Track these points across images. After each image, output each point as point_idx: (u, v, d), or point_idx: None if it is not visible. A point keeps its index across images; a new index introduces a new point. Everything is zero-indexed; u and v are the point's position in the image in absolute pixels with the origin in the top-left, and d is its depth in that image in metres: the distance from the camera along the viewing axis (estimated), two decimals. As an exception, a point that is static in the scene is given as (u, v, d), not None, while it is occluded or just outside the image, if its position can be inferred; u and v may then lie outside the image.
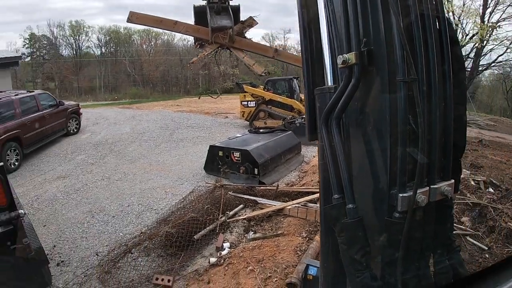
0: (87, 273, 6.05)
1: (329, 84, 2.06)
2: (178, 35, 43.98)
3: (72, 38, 49.28)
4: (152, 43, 50.89)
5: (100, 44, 50.88)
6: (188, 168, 11.12)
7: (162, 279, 5.70)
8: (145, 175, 10.83)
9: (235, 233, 6.87)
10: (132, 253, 6.41)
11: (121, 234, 7.35)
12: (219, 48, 14.05)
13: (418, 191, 1.68)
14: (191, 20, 14.25)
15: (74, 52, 49.90)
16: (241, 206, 7.77)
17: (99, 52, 51.39)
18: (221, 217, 7.14)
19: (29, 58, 46.89)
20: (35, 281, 3.99)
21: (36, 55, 49.22)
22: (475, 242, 6.07)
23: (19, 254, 3.75)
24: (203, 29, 13.60)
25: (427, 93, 1.76)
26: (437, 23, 1.83)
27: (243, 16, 14.42)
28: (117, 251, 6.45)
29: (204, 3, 13.66)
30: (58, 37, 49.01)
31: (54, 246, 6.97)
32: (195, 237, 6.53)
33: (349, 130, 1.92)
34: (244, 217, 7.33)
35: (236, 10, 13.94)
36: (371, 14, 1.75)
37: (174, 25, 13.99)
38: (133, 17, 13.61)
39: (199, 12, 13.71)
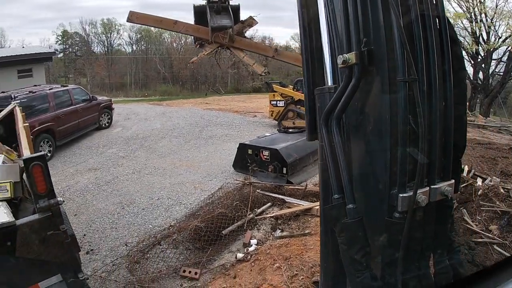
0: (115, 262, 6.13)
1: (329, 84, 2.08)
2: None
3: (104, 35, 50.23)
4: (182, 41, 51.23)
5: (131, 42, 51.68)
6: (217, 165, 11.08)
7: (190, 272, 5.76)
8: (175, 170, 10.88)
9: (262, 230, 6.87)
10: (160, 245, 6.46)
11: (150, 226, 7.40)
12: (219, 48, 13.97)
13: (418, 191, 1.69)
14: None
15: (106, 49, 50.78)
16: (269, 204, 7.76)
17: (130, 50, 52.16)
18: (249, 214, 7.15)
19: (61, 54, 47.98)
20: (69, 266, 4.08)
21: (69, 51, 50.23)
22: (502, 251, 5.91)
23: (56, 240, 3.85)
24: (203, 28, 13.50)
25: (427, 93, 1.76)
26: (437, 23, 1.84)
27: (277, 16, 14.39)
28: (146, 242, 6.52)
29: (204, 2, 13.58)
30: (90, 34, 50.00)
31: (84, 235, 7.06)
32: (223, 232, 6.56)
33: (349, 130, 1.94)
34: (272, 215, 7.32)
35: (236, 9, 13.79)
36: (371, 14, 1.76)
37: (174, 25, 13.93)
38: (133, 17, 13.59)
39: (199, 12, 13.61)
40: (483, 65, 24.27)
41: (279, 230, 6.84)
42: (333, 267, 2.12)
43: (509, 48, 23.21)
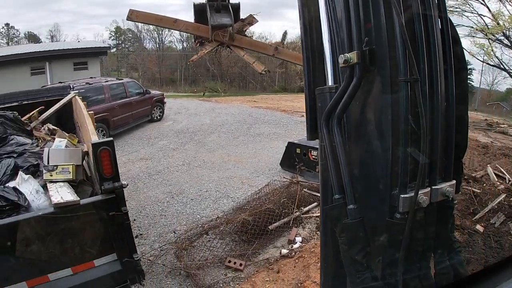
0: (163, 248, 6.39)
1: (330, 83, 2.05)
2: (257, 33, 44.44)
3: (155, 32, 51.61)
4: (230, 40, 51.55)
5: (182, 39, 52.63)
6: (264, 162, 11.20)
7: (234, 262, 5.92)
8: (223, 165, 11.11)
9: (307, 229, 6.91)
10: (208, 235, 6.69)
11: (198, 216, 7.66)
12: (219, 46, 13.84)
13: (419, 192, 1.68)
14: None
15: (157, 46, 52.27)
16: (315, 204, 7.77)
17: (180, 47, 53.42)
18: (295, 212, 7.20)
19: (114, 49, 49.69)
20: (126, 247, 4.25)
21: (121, 46, 52.25)
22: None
23: (116, 220, 4.04)
24: (203, 27, 13.36)
25: (429, 93, 1.74)
26: (439, 23, 1.81)
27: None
28: (193, 231, 6.78)
29: (204, 1, 13.48)
30: (142, 31, 51.66)
31: (134, 219, 7.30)
32: (269, 227, 6.65)
33: (350, 130, 1.92)
34: (318, 214, 7.32)
35: (236, 8, 13.62)
36: (372, 13, 1.74)
37: (174, 23, 13.86)
38: (133, 15, 13.55)
39: (199, 10, 13.52)
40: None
41: (324, 230, 6.84)
42: (333, 267, 2.12)
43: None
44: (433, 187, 1.76)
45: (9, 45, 40.90)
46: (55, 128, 6.67)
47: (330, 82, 2.05)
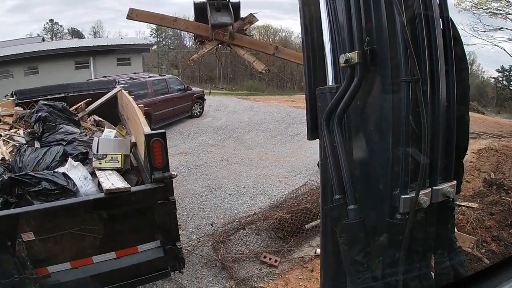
0: (201, 239, 6.57)
1: (331, 83, 2.04)
2: (296, 32, 44.34)
3: (195, 31, 52.39)
4: (270, 39, 51.54)
5: (221, 38, 53.21)
6: (301, 162, 11.13)
7: (270, 258, 6.00)
8: (261, 163, 11.18)
9: (344, 231, 6.88)
10: (245, 230, 6.82)
11: (235, 211, 7.80)
12: (219, 45, 13.73)
13: (420, 193, 1.67)
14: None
15: (197, 44, 52.89)
16: (352, 206, 7.70)
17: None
18: (332, 213, 7.17)
19: (155, 46, 50.78)
20: (170, 235, 4.39)
21: (162, 44, 53.33)
22: None
23: (164, 209, 4.18)
24: (203, 26, 13.23)
25: (430, 93, 1.73)
26: (440, 23, 1.79)
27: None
28: (230, 225, 6.94)
29: None
30: (183, 29, 52.51)
31: (174, 211, 7.56)
32: (306, 226, 6.69)
33: (351, 130, 1.91)
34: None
35: (237, 7, 13.47)
36: (374, 12, 1.73)
37: (174, 22, 13.77)
38: (133, 14, 13.49)
39: (199, 9, 13.46)
40: None
41: (361, 234, 6.81)
42: (333, 267, 2.12)
43: None
44: (434, 187, 1.77)
45: (53, 40, 42.39)
46: (101, 119, 6.90)
47: (330, 81, 2.05)
